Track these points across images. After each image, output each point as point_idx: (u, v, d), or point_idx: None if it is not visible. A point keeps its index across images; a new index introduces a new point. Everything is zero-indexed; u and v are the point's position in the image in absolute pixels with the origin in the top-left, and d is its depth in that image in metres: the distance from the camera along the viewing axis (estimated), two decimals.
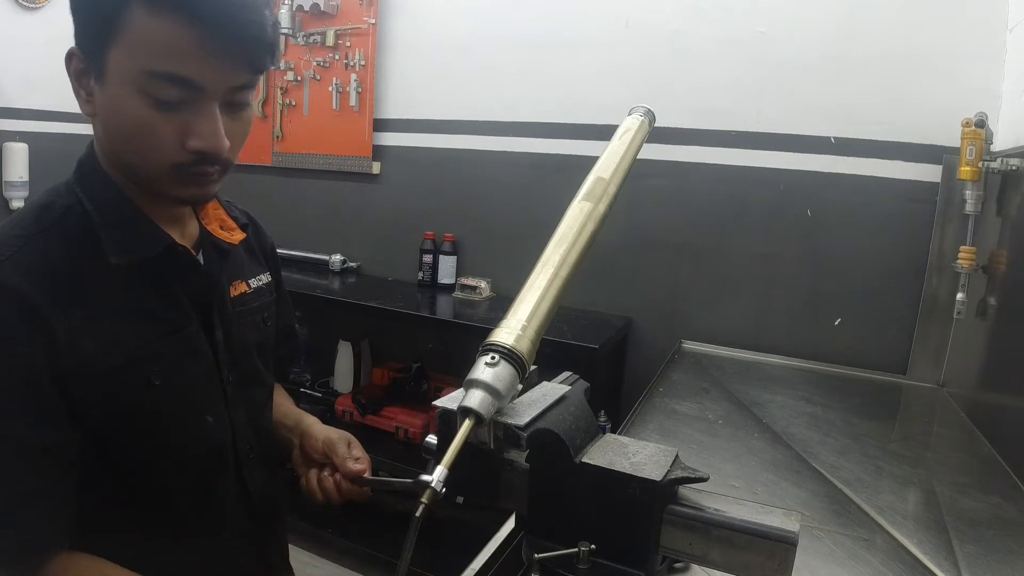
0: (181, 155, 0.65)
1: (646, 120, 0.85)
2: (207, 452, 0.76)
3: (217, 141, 0.65)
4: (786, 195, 1.85)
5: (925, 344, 1.72)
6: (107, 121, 0.66)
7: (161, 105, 0.63)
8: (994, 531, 0.94)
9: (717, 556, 0.56)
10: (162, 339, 0.70)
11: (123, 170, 0.69)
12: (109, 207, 0.69)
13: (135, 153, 0.66)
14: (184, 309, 0.73)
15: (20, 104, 2.55)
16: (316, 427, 0.94)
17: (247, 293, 0.85)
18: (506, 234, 2.22)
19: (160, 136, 0.64)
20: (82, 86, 0.66)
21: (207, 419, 0.75)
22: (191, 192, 0.69)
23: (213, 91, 0.64)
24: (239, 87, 0.66)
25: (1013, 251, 1.39)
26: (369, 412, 2.20)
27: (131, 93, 0.62)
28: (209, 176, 0.68)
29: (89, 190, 0.69)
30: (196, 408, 0.75)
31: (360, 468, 0.86)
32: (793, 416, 1.37)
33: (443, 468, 0.52)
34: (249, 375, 0.83)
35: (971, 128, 1.50)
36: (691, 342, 1.93)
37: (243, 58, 0.64)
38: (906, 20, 1.67)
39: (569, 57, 2.07)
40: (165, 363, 0.70)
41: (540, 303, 0.61)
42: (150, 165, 0.66)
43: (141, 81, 0.62)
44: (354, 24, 2.36)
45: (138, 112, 0.63)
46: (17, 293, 0.61)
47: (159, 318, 0.71)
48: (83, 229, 0.67)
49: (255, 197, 2.60)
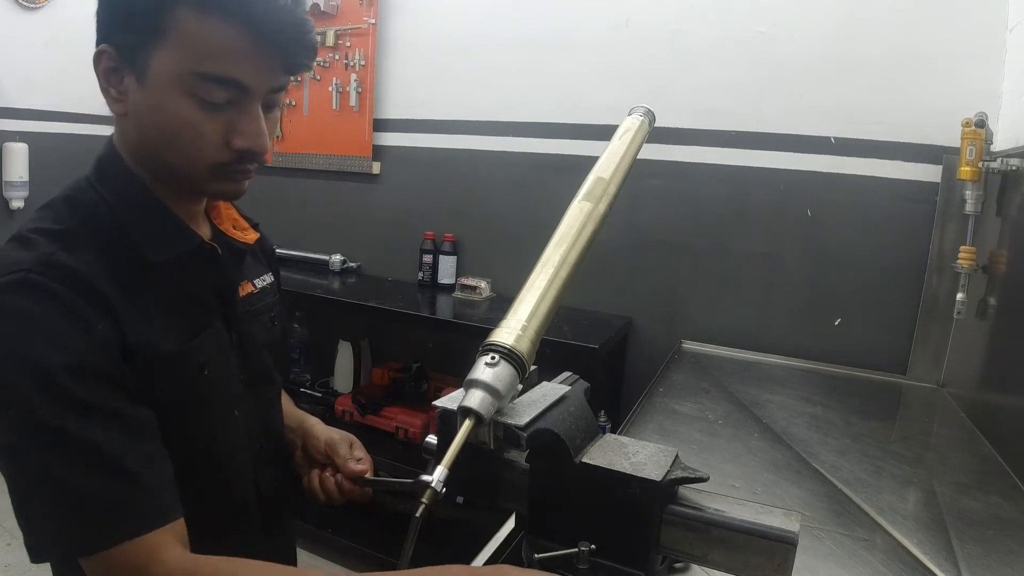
0: (224, 154, 0.66)
1: (646, 120, 0.85)
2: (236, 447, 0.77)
3: (262, 140, 0.67)
4: (786, 195, 1.85)
5: (925, 344, 1.72)
6: (145, 120, 0.66)
7: (207, 105, 0.64)
8: (994, 531, 0.94)
9: (717, 556, 0.56)
10: (200, 332, 0.72)
11: (156, 168, 0.69)
12: (138, 206, 0.69)
13: (177, 152, 0.66)
14: (210, 306, 0.75)
15: (20, 104, 2.55)
16: (318, 428, 0.94)
17: (254, 293, 0.85)
18: (506, 234, 2.22)
19: (206, 136, 0.65)
20: (112, 84, 0.66)
21: (235, 413, 0.77)
22: (228, 188, 0.71)
23: (257, 92, 0.65)
24: (278, 88, 0.68)
25: (1013, 251, 1.39)
26: (369, 412, 2.20)
27: (176, 93, 0.63)
28: (248, 173, 0.71)
29: (114, 188, 0.69)
30: (231, 402, 0.76)
31: (361, 469, 0.87)
32: (793, 416, 1.37)
33: (443, 468, 0.52)
34: (260, 374, 0.84)
35: (971, 128, 1.50)
36: (691, 342, 1.93)
37: (288, 60, 0.66)
38: (906, 20, 1.67)
39: (569, 57, 2.07)
40: (209, 354, 0.72)
41: (540, 303, 0.61)
42: (191, 164, 0.66)
43: (189, 82, 0.62)
44: (354, 24, 2.36)
45: (184, 112, 0.63)
46: (84, 278, 0.61)
47: (190, 313, 0.72)
48: (112, 226, 0.67)
49: (255, 197, 2.61)
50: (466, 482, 0.61)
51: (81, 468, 0.57)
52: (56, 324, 0.58)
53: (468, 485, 0.63)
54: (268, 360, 0.86)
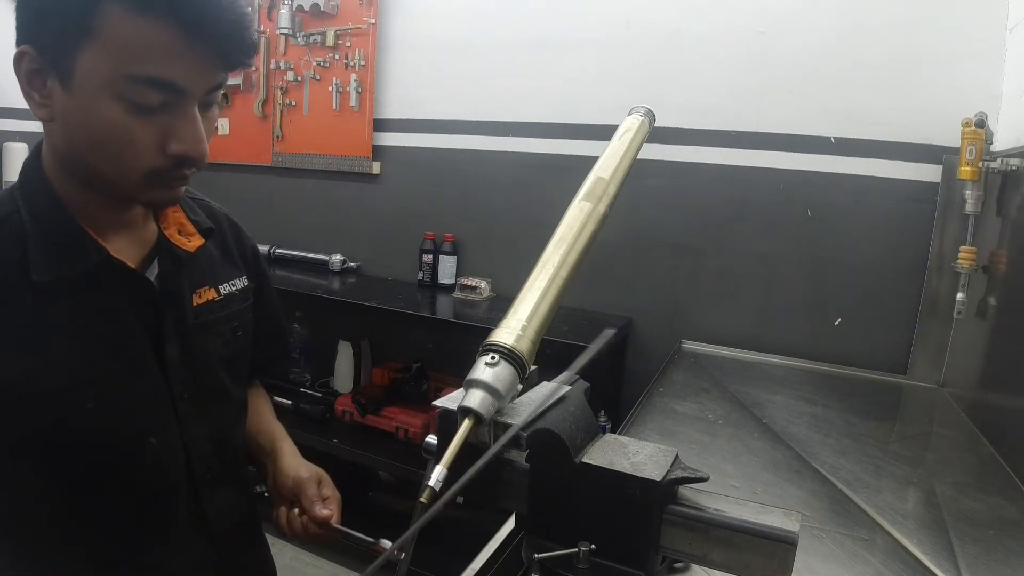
0: (159, 160, 0.62)
1: (646, 120, 0.85)
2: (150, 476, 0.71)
3: (200, 146, 0.63)
4: (786, 195, 1.85)
5: (925, 344, 1.72)
6: (72, 126, 0.61)
7: (139, 109, 0.59)
8: (994, 531, 0.94)
9: (717, 556, 0.56)
10: (100, 358, 0.66)
11: (86, 176, 0.65)
12: (43, 218, 0.64)
13: (108, 160, 0.61)
14: (127, 324, 0.69)
15: (20, 104, 2.55)
16: (288, 461, 0.89)
17: (214, 301, 0.79)
18: (506, 234, 2.22)
19: (138, 142, 0.61)
20: (35, 88, 0.62)
21: (150, 441, 0.70)
22: (159, 195, 0.66)
23: (193, 93, 0.62)
24: (215, 87, 0.64)
25: (1013, 251, 1.39)
26: (369, 412, 2.20)
27: (105, 98, 0.59)
28: (185, 179, 0.66)
29: (28, 198, 0.65)
30: (137, 430, 0.70)
31: (326, 514, 0.83)
32: (793, 416, 1.37)
33: (442, 468, 0.52)
34: (211, 391, 0.78)
35: (971, 128, 1.50)
36: (691, 342, 1.93)
37: (226, 58, 0.62)
38: (906, 20, 1.67)
39: (569, 57, 2.07)
40: (102, 384, 0.66)
41: (540, 303, 0.61)
42: (123, 172, 0.62)
43: (119, 85, 0.58)
44: (354, 24, 2.36)
45: (113, 117, 0.59)
46: None
47: (97, 335, 0.66)
48: (19, 241, 0.63)
49: (255, 197, 2.63)
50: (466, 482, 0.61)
51: None
52: None
53: (468, 485, 0.63)
54: (223, 375, 0.80)
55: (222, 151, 2.65)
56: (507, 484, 0.63)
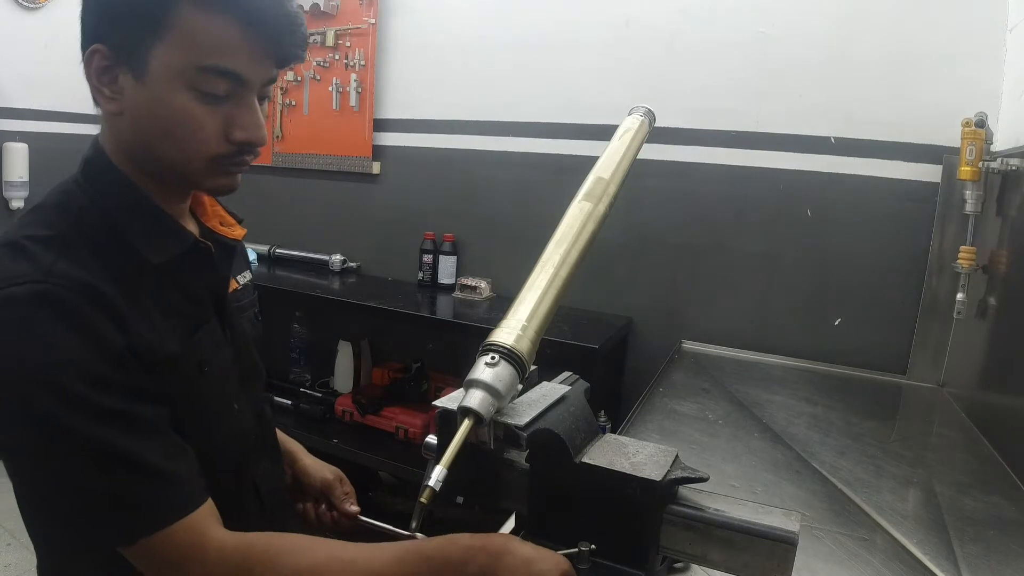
0: (223, 147, 0.68)
1: (646, 120, 0.85)
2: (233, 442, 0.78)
3: (260, 132, 0.69)
4: (786, 195, 1.85)
5: (925, 344, 1.72)
6: (143, 117, 0.66)
7: (207, 98, 0.65)
8: (994, 531, 0.94)
9: (717, 556, 0.56)
10: (197, 330, 0.72)
11: (149, 165, 0.69)
12: (130, 207, 0.69)
13: (175, 147, 0.66)
14: (205, 304, 0.75)
15: (20, 104, 2.55)
16: (307, 461, 0.98)
17: (238, 290, 0.86)
18: (506, 234, 2.22)
19: (205, 129, 0.66)
20: (105, 84, 0.66)
21: (234, 407, 0.78)
22: (222, 182, 0.71)
23: (254, 84, 0.67)
24: (271, 80, 0.70)
25: (1013, 251, 1.39)
26: (369, 412, 2.20)
27: (177, 88, 0.64)
28: (245, 165, 0.72)
29: (103, 190, 0.69)
30: (228, 397, 0.77)
31: (356, 510, 0.93)
32: (793, 416, 1.37)
33: (442, 468, 0.53)
34: (250, 368, 0.85)
35: (971, 128, 1.50)
36: (691, 342, 1.93)
37: (283, 52, 0.68)
38: (906, 20, 1.67)
39: (569, 57, 2.07)
40: (207, 352, 0.72)
41: (540, 303, 0.61)
42: (190, 158, 0.67)
43: (190, 76, 0.63)
44: (354, 24, 2.36)
45: (184, 106, 0.64)
46: (88, 284, 0.61)
47: (186, 313, 0.72)
48: (104, 228, 0.67)
49: (255, 197, 2.62)
50: (466, 482, 0.61)
51: (109, 468, 0.59)
52: (66, 334, 0.59)
53: (468, 485, 0.63)
54: (255, 354, 0.87)
55: None
56: (507, 484, 0.63)
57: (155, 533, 0.60)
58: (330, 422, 2.26)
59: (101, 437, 0.59)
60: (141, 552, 0.60)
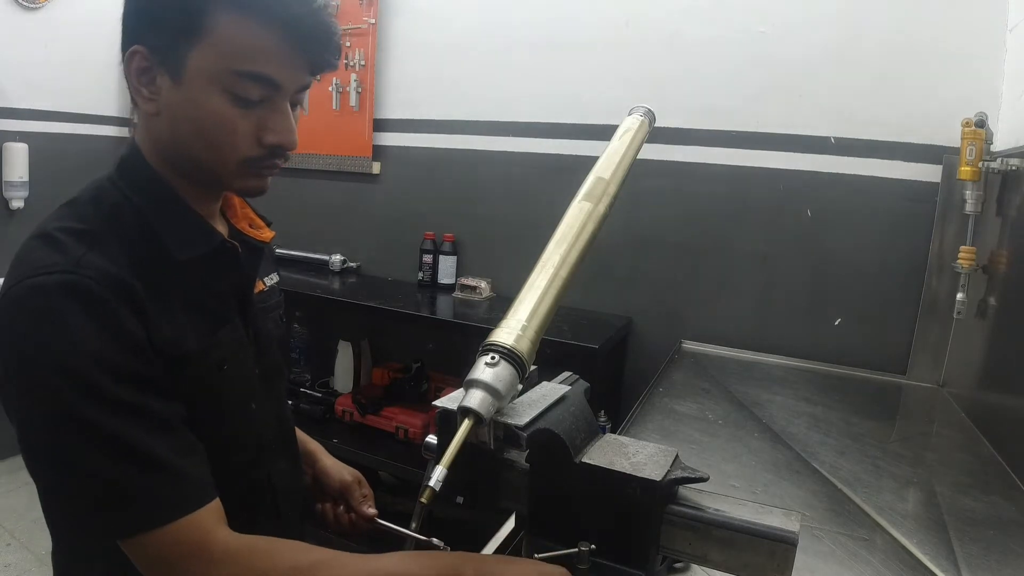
0: (255, 150, 0.69)
1: (646, 120, 0.85)
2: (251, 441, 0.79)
3: (292, 136, 0.70)
4: (786, 195, 1.85)
5: (925, 344, 1.72)
6: (179, 118, 0.68)
7: (241, 102, 0.66)
8: (994, 531, 0.94)
9: (717, 556, 0.56)
10: (219, 329, 0.73)
11: (184, 165, 0.71)
12: (163, 205, 0.71)
13: (210, 148, 0.68)
14: (229, 303, 0.76)
15: (20, 104, 2.55)
16: (327, 462, 0.98)
17: (264, 291, 0.88)
18: (506, 234, 2.22)
19: (239, 132, 0.67)
20: (144, 84, 0.68)
21: (252, 406, 0.79)
22: (254, 184, 0.73)
23: (287, 90, 0.69)
24: (304, 86, 0.71)
25: (1013, 251, 1.40)
26: (369, 412, 2.20)
27: (213, 91, 0.65)
28: (275, 169, 0.73)
29: (137, 188, 0.71)
30: (246, 396, 0.78)
31: (374, 512, 0.93)
32: (793, 416, 1.37)
33: (442, 468, 0.53)
34: (273, 368, 0.86)
35: (971, 128, 1.50)
36: (691, 342, 1.93)
37: (317, 60, 0.69)
38: (906, 20, 1.67)
39: (569, 57, 2.07)
40: (227, 351, 0.73)
41: (540, 303, 0.61)
42: (223, 159, 0.68)
43: (227, 80, 0.65)
44: (354, 24, 2.36)
45: (220, 109, 0.66)
46: (116, 278, 0.62)
47: (209, 311, 0.73)
48: (136, 225, 0.69)
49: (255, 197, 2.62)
50: (466, 482, 0.61)
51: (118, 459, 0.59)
52: (90, 324, 0.60)
53: (468, 485, 0.63)
54: (278, 355, 0.88)
55: None
56: (507, 484, 0.63)
57: (154, 529, 0.60)
58: (330, 422, 2.26)
59: (112, 427, 0.59)
60: (139, 547, 0.61)
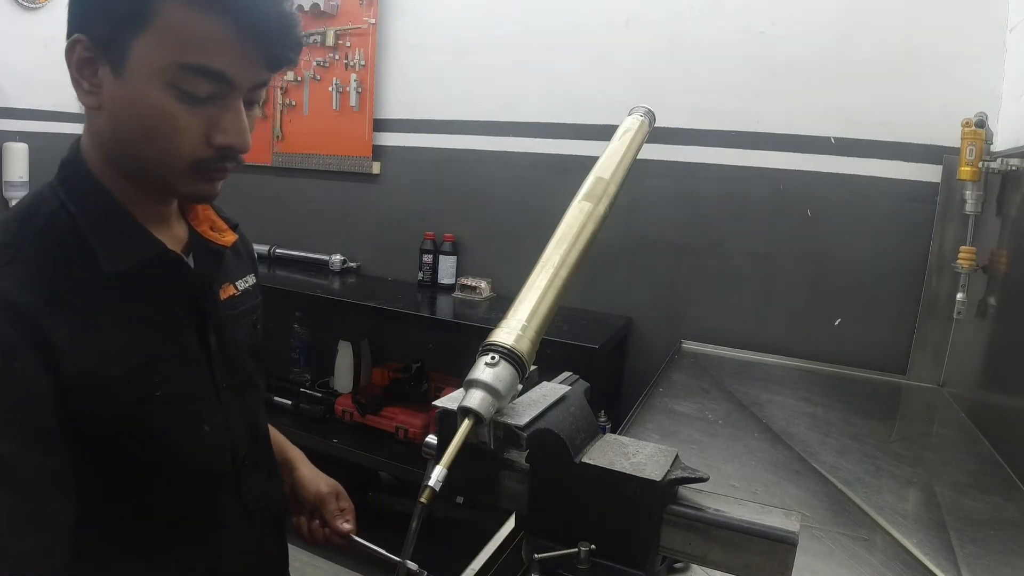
0: (203, 151, 0.64)
1: (646, 120, 0.85)
2: (205, 464, 0.74)
3: (244, 137, 0.65)
4: (786, 195, 1.85)
5: (925, 344, 1.72)
6: (120, 113, 0.63)
7: (188, 99, 0.61)
8: (994, 531, 0.94)
9: (717, 556, 0.56)
10: (159, 347, 0.68)
11: (129, 166, 0.66)
12: (97, 212, 0.66)
13: (154, 148, 0.63)
14: (178, 315, 0.71)
15: (20, 104, 2.55)
16: (304, 472, 0.94)
17: (236, 296, 0.82)
18: (506, 234, 2.22)
19: (185, 131, 0.62)
20: (85, 77, 0.63)
21: (204, 428, 0.73)
22: (201, 188, 0.68)
23: (240, 86, 0.64)
24: (260, 83, 0.66)
25: (1013, 251, 1.39)
26: (369, 412, 2.20)
27: (157, 85, 0.60)
28: (225, 172, 0.68)
29: (74, 194, 0.66)
30: (194, 418, 0.72)
31: (349, 528, 0.90)
32: (793, 416, 1.37)
33: (442, 468, 0.52)
34: (243, 380, 0.81)
35: (971, 128, 1.50)
36: (691, 342, 1.93)
37: (274, 54, 0.64)
38: (906, 20, 1.67)
39: (569, 57, 2.07)
40: (164, 372, 0.68)
41: (540, 303, 0.61)
42: (168, 160, 0.64)
43: (171, 73, 0.60)
44: (354, 24, 2.36)
45: (163, 105, 0.61)
46: (11, 304, 0.57)
47: (154, 325, 0.68)
48: (71, 235, 0.63)
49: (255, 197, 2.62)
50: (466, 482, 0.61)
51: None
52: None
53: (468, 485, 0.63)
54: (250, 365, 0.83)
55: None
56: (507, 484, 0.63)
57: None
58: (330, 422, 2.26)
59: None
60: None
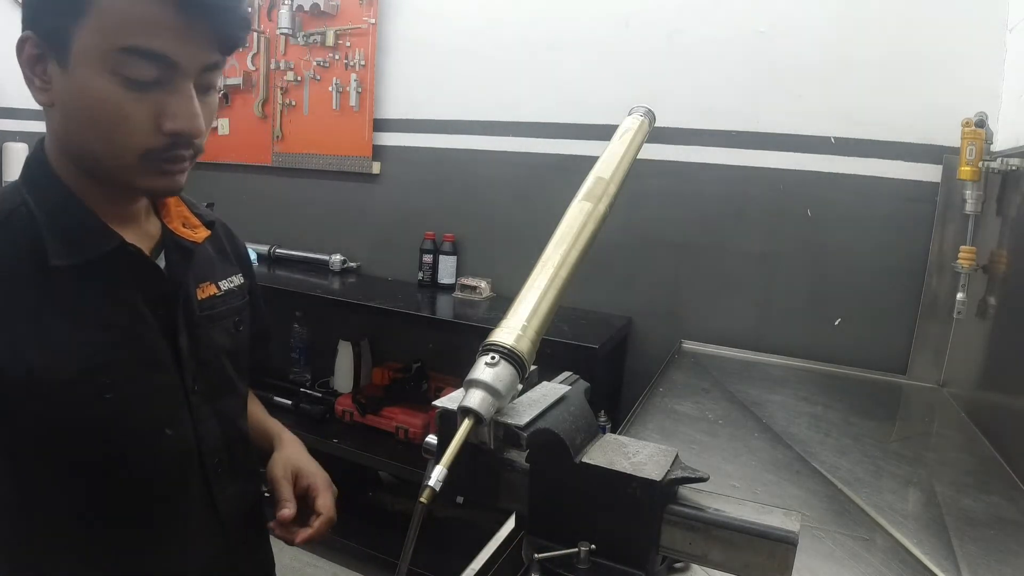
0: (154, 139, 0.62)
1: (646, 120, 0.85)
2: (165, 468, 0.72)
3: (195, 121, 0.63)
4: (786, 195, 1.85)
5: (925, 344, 1.72)
6: (69, 107, 0.62)
7: (133, 85, 0.60)
8: (994, 531, 0.94)
9: (717, 556, 0.56)
10: (116, 348, 0.66)
11: (84, 162, 0.65)
12: (55, 207, 0.65)
13: (102, 139, 0.61)
14: (142, 315, 0.69)
15: (20, 104, 2.55)
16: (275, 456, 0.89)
17: (216, 295, 0.80)
18: (506, 234, 2.22)
19: (132, 119, 0.60)
20: (36, 74, 0.62)
21: (166, 432, 0.71)
22: (160, 183, 0.66)
23: (187, 69, 0.61)
24: (211, 66, 0.64)
25: (1013, 251, 1.39)
26: (369, 412, 2.20)
27: (100, 73, 0.59)
28: (182, 162, 0.65)
29: (36, 190, 0.65)
30: (153, 421, 0.70)
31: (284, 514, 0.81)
32: (793, 416, 1.37)
33: (442, 468, 0.52)
34: (218, 383, 0.78)
35: (971, 128, 1.50)
36: (691, 342, 1.93)
37: (219, 34, 0.62)
38: (906, 20, 1.67)
39: (569, 57, 2.07)
40: (119, 374, 0.66)
41: (540, 303, 0.61)
42: (119, 152, 0.62)
43: (113, 59, 0.58)
44: (354, 24, 2.36)
45: (108, 93, 0.59)
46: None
47: (113, 325, 0.66)
48: (28, 232, 0.63)
49: (255, 197, 2.63)
50: (466, 482, 0.61)
51: None
52: None
53: (468, 485, 0.63)
54: (228, 368, 0.80)
55: (222, 151, 2.65)
56: (507, 484, 0.63)
57: None
58: (330, 422, 2.26)
59: None
60: None
